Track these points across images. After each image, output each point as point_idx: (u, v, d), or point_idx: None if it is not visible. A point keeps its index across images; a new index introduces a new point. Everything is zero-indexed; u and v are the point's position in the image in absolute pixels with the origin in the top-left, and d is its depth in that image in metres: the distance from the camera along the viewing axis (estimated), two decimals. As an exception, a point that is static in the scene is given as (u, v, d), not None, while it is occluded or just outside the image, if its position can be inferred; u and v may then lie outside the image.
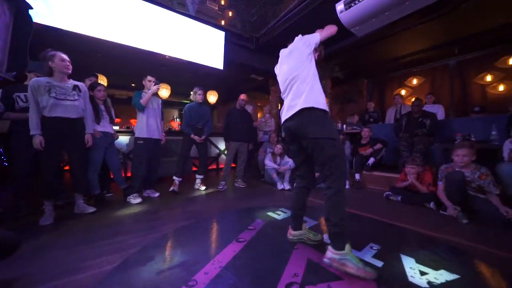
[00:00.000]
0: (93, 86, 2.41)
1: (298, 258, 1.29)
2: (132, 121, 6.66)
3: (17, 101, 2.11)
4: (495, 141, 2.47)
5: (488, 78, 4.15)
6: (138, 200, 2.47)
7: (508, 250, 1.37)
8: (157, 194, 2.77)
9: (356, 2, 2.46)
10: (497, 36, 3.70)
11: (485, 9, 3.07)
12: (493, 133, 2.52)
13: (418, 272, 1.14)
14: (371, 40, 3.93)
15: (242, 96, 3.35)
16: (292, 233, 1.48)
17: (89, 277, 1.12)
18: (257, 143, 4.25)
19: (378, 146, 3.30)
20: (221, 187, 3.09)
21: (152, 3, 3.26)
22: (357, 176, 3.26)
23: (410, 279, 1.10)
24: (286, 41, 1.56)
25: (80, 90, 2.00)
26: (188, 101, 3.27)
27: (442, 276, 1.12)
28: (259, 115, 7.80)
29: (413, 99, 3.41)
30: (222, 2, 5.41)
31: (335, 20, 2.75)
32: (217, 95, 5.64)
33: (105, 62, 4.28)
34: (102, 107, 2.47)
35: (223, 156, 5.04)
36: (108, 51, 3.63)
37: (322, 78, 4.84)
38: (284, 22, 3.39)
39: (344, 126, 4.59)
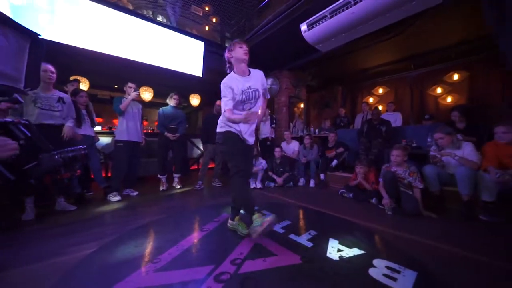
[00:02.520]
0: (76, 92, 2.59)
1: (247, 242, 1.59)
2: (115, 121, 6.70)
3: None
4: (429, 147, 2.93)
5: (439, 90, 4.74)
6: (118, 198, 2.67)
7: (412, 234, 1.76)
8: (135, 193, 2.98)
9: (316, 24, 2.83)
10: (444, 54, 4.29)
11: (428, 32, 3.59)
12: (428, 140, 2.98)
13: (336, 250, 1.49)
14: (341, 53, 4.35)
15: (218, 102, 3.62)
16: (229, 222, 1.80)
17: (70, 259, 1.35)
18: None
19: (340, 149, 3.71)
20: (198, 186, 3.35)
21: (134, 15, 3.45)
22: (322, 176, 3.64)
23: (328, 254, 1.44)
24: (260, 53, 1.86)
25: (64, 102, 2.18)
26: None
27: (352, 252, 1.47)
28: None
29: (373, 108, 3.87)
30: (207, 8, 5.65)
31: (298, 37, 3.13)
32: (200, 98, 5.86)
33: (87, 63, 4.35)
34: (84, 112, 2.65)
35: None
36: (90, 57, 3.71)
37: (296, 86, 5.22)
38: (259, 35, 3.71)
39: (317, 130, 5.00)
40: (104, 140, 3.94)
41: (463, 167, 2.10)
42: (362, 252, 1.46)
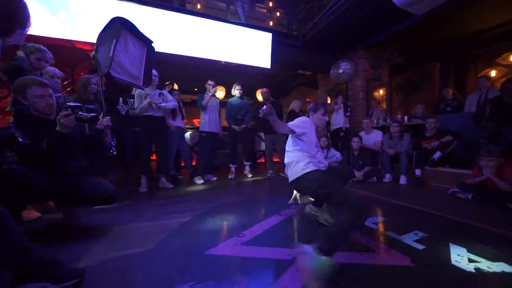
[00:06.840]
0: (171, 92, 3.11)
1: (333, 232, 1.41)
2: (195, 120, 7.82)
3: (131, 103, 2.96)
4: None
5: None
6: (201, 181, 3.04)
7: None
8: (215, 178, 3.31)
9: (412, -21, 2.25)
10: None
11: None
12: None
13: (466, 260, 1.09)
14: (438, 16, 3.33)
15: (264, 89, 3.52)
16: (311, 207, 1.63)
17: (173, 223, 1.59)
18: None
19: (447, 138, 2.85)
20: (269, 175, 3.40)
21: (207, 17, 3.78)
22: (417, 171, 2.91)
23: (454, 263, 1.06)
24: (330, 35, 1.65)
25: (164, 95, 2.67)
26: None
27: (498, 267, 1.03)
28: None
29: (500, 83, 2.78)
30: (270, 4, 5.69)
31: (380, 5, 2.58)
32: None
33: (173, 71, 5.20)
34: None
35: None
36: (175, 62, 4.28)
37: (376, 67, 4.44)
38: (329, 15, 3.35)
39: (406, 117, 4.08)
40: (187, 134, 4.59)
41: None
42: (517, 270, 1.00)
